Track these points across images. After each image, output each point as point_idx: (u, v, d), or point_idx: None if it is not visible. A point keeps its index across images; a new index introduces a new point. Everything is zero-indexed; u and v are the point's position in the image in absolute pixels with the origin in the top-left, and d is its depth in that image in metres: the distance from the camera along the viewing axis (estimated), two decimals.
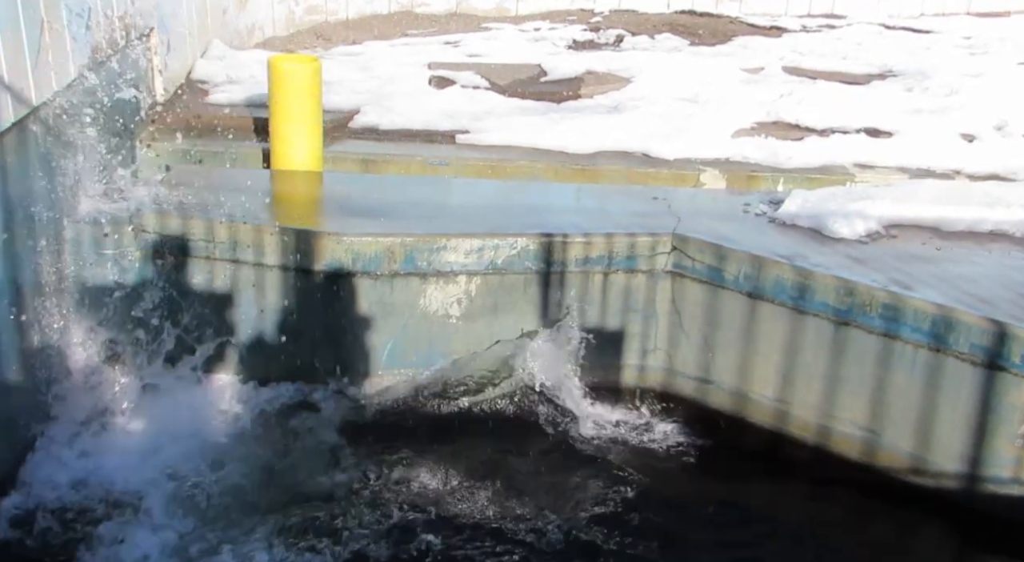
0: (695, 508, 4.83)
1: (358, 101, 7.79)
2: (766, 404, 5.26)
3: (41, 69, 4.80)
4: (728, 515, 4.77)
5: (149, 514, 4.44)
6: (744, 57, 10.87)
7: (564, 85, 8.98)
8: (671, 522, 4.69)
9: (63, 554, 4.19)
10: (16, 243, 4.53)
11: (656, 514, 4.73)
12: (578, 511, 4.70)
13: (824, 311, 4.91)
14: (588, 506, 4.75)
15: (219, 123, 7.31)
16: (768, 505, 4.88)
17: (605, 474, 5.01)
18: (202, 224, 5.19)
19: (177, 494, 4.57)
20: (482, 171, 6.89)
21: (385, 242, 5.17)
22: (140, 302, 5.33)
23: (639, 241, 5.40)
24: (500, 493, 4.81)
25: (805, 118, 8.13)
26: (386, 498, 4.69)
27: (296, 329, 5.34)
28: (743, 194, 6.32)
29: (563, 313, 5.46)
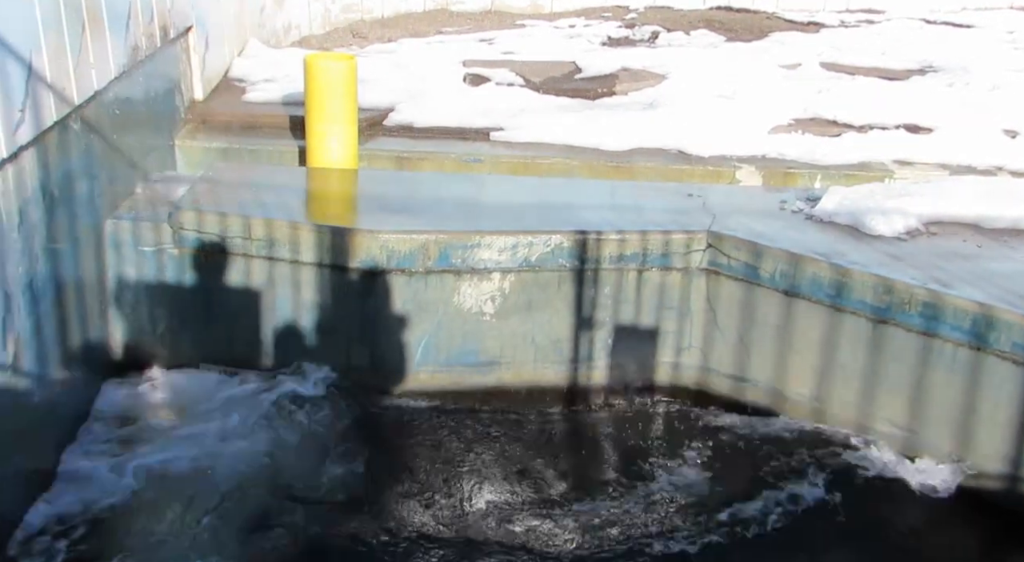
0: (728, 503, 4.79)
1: (393, 99, 7.82)
2: (803, 402, 5.21)
3: (82, 68, 4.88)
4: (763, 513, 4.73)
5: (185, 508, 4.49)
6: (781, 53, 10.75)
7: (599, 82, 8.94)
8: (704, 519, 4.66)
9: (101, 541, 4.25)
10: (57, 241, 4.61)
11: (687, 511, 4.70)
12: (615, 511, 4.69)
13: (862, 309, 4.85)
14: (622, 504, 4.73)
15: (256, 121, 7.37)
16: (800, 501, 4.83)
17: (639, 471, 4.99)
18: (239, 221, 5.24)
19: (214, 490, 4.62)
20: (516, 168, 6.89)
21: (419, 239, 5.19)
22: (178, 299, 5.40)
23: (674, 238, 5.37)
24: (532, 492, 4.81)
25: (843, 114, 8.03)
26: (417, 497, 4.71)
27: (331, 326, 5.38)
28: (779, 191, 6.26)
29: (597, 310, 5.45)
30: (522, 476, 4.92)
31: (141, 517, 4.39)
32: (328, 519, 4.49)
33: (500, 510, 4.66)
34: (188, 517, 4.40)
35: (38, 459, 4.52)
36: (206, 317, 5.44)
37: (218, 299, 5.40)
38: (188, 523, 4.37)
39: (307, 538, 4.36)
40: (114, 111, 5.39)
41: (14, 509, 4.26)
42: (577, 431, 5.35)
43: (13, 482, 4.25)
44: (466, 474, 4.90)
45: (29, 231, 4.29)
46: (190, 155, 6.87)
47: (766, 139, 7.37)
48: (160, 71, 6.42)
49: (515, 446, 5.16)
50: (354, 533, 4.42)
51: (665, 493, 4.84)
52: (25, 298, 4.26)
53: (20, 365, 4.23)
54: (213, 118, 7.34)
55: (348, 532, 4.42)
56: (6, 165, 4.04)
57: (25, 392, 4.31)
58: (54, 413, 4.66)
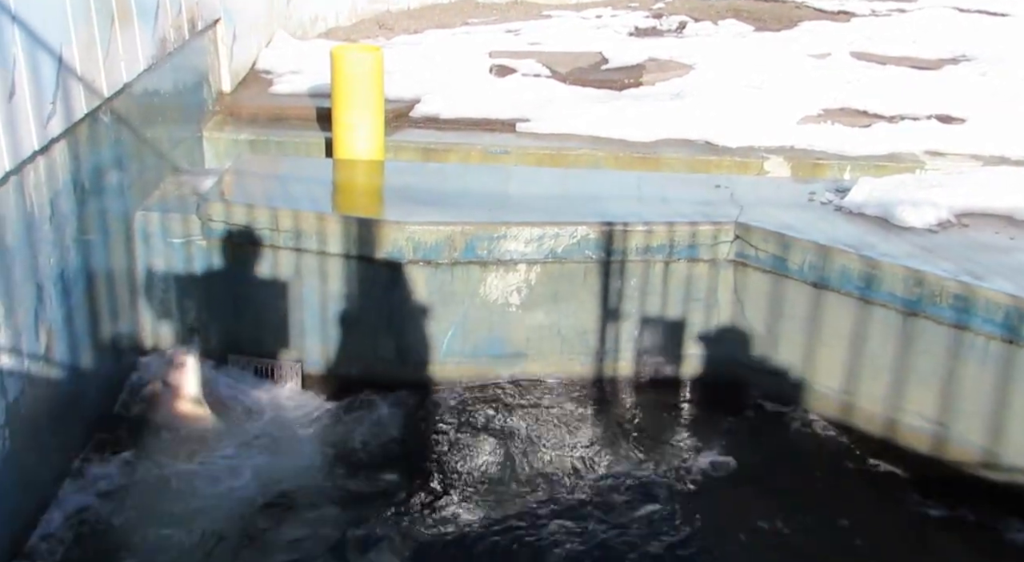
0: (754, 498, 4.76)
1: (419, 90, 7.83)
2: (831, 395, 5.17)
3: (112, 61, 4.91)
4: (789, 508, 4.70)
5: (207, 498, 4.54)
6: (810, 43, 10.64)
7: (625, 72, 8.90)
8: (731, 513, 4.64)
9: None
10: (88, 232, 4.65)
11: (717, 506, 4.69)
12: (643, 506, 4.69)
13: (892, 301, 4.80)
14: (649, 501, 4.72)
15: (283, 113, 7.41)
16: (832, 498, 4.80)
17: (665, 464, 4.98)
18: (267, 213, 5.27)
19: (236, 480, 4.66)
20: (542, 159, 6.87)
21: (446, 230, 5.19)
22: (206, 290, 5.44)
23: (701, 230, 5.33)
24: (556, 484, 4.81)
25: (873, 104, 7.94)
26: (442, 489, 4.72)
27: (357, 317, 5.40)
28: (808, 182, 6.21)
29: (623, 302, 5.43)
30: (549, 467, 4.92)
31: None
32: (360, 513, 4.50)
33: (528, 502, 4.66)
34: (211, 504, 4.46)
35: (69, 447, 4.58)
36: (234, 308, 5.48)
37: (246, 290, 5.44)
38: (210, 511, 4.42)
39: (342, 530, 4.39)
40: (143, 103, 5.43)
41: (44, 494, 4.32)
42: (603, 422, 5.33)
43: (43, 470, 4.30)
44: (493, 463, 4.90)
45: (60, 223, 4.33)
46: (218, 147, 6.92)
47: (795, 129, 7.30)
48: (188, 63, 6.46)
49: (542, 435, 5.16)
50: (386, 526, 4.43)
51: (694, 485, 4.83)
52: (56, 289, 4.31)
53: (52, 355, 4.28)
54: (240, 110, 7.38)
55: (381, 524, 4.44)
56: (37, 157, 4.08)
57: (57, 381, 4.36)
58: (84, 402, 4.71)
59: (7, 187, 3.81)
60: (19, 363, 3.96)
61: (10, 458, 3.90)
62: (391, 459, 4.90)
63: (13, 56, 3.85)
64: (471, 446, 5.05)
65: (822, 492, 4.85)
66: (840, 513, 4.67)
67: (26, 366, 4.02)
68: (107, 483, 4.54)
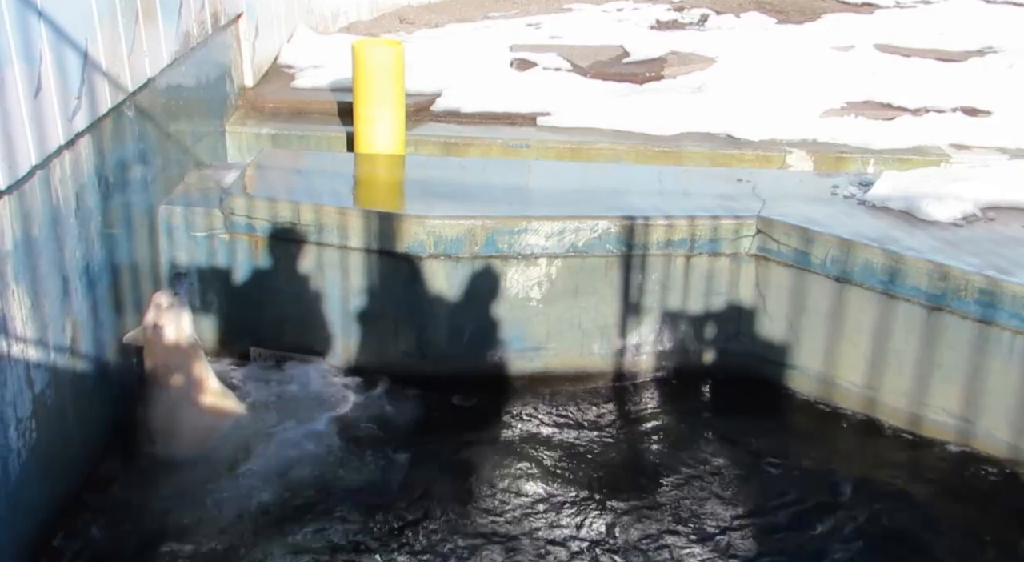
0: (776, 496, 4.74)
1: (440, 84, 7.83)
2: (854, 391, 5.14)
3: (136, 56, 4.95)
4: (814, 504, 4.68)
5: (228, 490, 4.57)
6: (834, 35, 10.55)
7: (647, 66, 8.86)
8: (752, 510, 4.63)
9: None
10: (113, 226, 4.69)
11: (738, 501, 4.67)
12: (664, 501, 4.68)
13: (916, 296, 4.77)
14: (672, 495, 4.71)
15: (304, 107, 7.44)
16: (854, 493, 4.77)
17: (686, 461, 4.97)
18: (288, 207, 5.30)
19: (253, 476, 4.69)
20: (563, 153, 6.86)
21: (466, 224, 5.20)
22: (228, 284, 5.48)
23: (723, 224, 5.31)
24: (575, 478, 4.81)
25: (898, 97, 7.87)
26: (461, 483, 4.73)
27: (378, 311, 5.42)
28: (831, 176, 6.16)
29: (644, 296, 5.42)
30: (568, 461, 4.92)
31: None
32: (382, 508, 4.53)
33: (549, 498, 4.66)
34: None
35: (93, 438, 4.62)
36: (256, 302, 5.51)
37: (267, 284, 5.47)
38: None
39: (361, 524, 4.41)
40: (167, 98, 5.47)
41: (70, 484, 4.38)
42: (623, 417, 5.33)
43: (68, 461, 4.35)
44: (516, 459, 4.91)
45: (85, 216, 4.37)
46: (240, 141, 6.95)
47: (818, 123, 7.26)
48: (211, 58, 6.49)
49: (562, 430, 5.16)
50: (404, 521, 4.45)
51: (712, 479, 4.82)
52: (82, 282, 4.35)
53: (77, 347, 4.33)
54: (263, 104, 7.42)
55: (399, 519, 4.46)
56: (63, 151, 4.12)
57: (82, 373, 4.41)
58: (109, 394, 4.76)
59: (33, 181, 3.85)
60: (45, 355, 4.01)
61: (36, 448, 3.94)
62: (410, 453, 4.91)
63: (39, 52, 3.88)
64: (491, 440, 5.06)
65: (844, 487, 4.82)
66: (863, 508, 4.64)
67: (52, 358, 4.07)
68: (131, 473, 4.58)
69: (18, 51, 3.70)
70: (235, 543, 4.21)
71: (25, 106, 3.76)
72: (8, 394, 3.72)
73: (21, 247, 3.76)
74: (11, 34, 3.64)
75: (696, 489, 4.73)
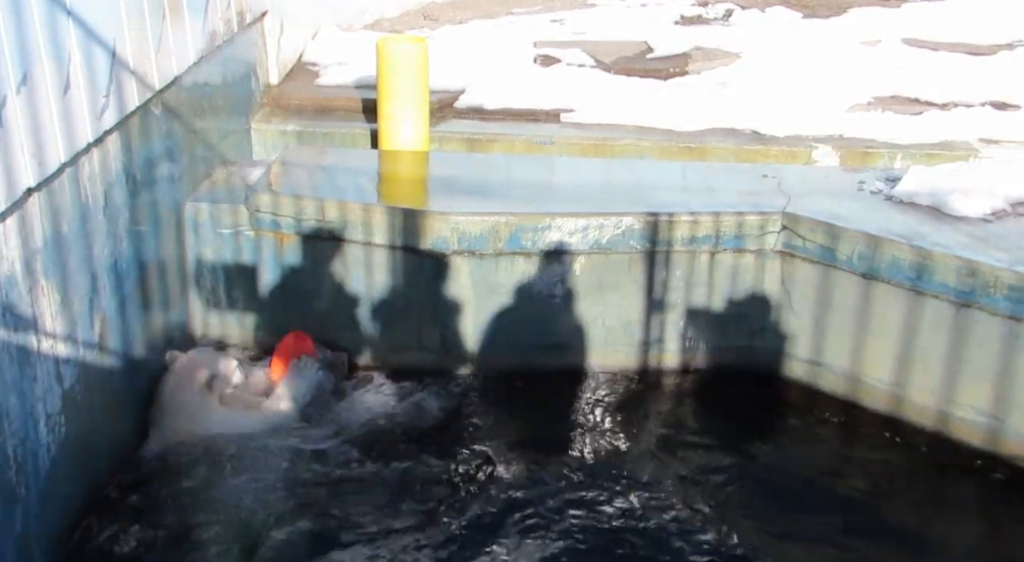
0: (802, 494, 4.72)
1: (463, 80, 7.83)
2: (881, 388, 5.10)
3: (163, 54, 4.99)
4: (839, 502, 4.65)
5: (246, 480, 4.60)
6: (861, 29, 10.45)
7: (671, 61, 8.82)
8: (777, 509, 4.60)
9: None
10: (140, 223, 4.74)
11: (762, 500, 4.65)
12: (686, 497, 4.67)
13: (944, 292, 4.72)
14: (695, 492, 4.70)
15: (329, 104, 7.46)
16: (882, 492, 4.74)
17: (709, 459, 4.95)
18: (313, 204, 5.32)
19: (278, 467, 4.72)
20: (587, 150, 6.85)
21: (490, 221, 5.20)
22: (254, 280, 5.52)
23: (747, 220, 5.28)
24: (600, 475, 4.80)
25: (925, 91, 7.79)
26: (485, 479, 4.74)
27: (402, 307, 5.43)
28: (857, 171, 6.11)
29: (668, 293, 5.40)
30: (592, 457, 4.92)
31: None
32: (406, 503, 4.55)
33: (571, 493, 4.67)
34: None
35: (122, 434, 4.67)
36: (281, 299, 5.54)
37: (292, 280, 5.50)
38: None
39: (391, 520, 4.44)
40: (193, 96, 5.51)
41: (98, 480, 4.42)
42: (646, 413, 5.32)
43: (97, 458, 4.40)
44: (540, 455, 4.91)
45: (113, 213, 4.42)
46: (265, 138, 6.99)
47: (844, 118, 7.20)
48: (237, 56, 6.54)
49: (585, 426, 5.16)
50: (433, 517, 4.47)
51: (736, 477, 4.80)
52: (110, 279, 4.40)
53: (106, 343, 4.37)
54: (287, 102, 7.46)
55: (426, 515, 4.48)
56: (92, 149, 4.16)
57: (110, 369, 4.46)
58: (136, 390, 4.81)
59: (62, 178, 3.89)
60: (74, 351, 4.05)
61: (65, 444, 3.99)
62: (435, 448, 4.93)
63: (68, 50, 3.93)
64: (514, 436, 5.06)
65: (870, 485, 4.79)
66: (889, 507, 4.61)
67: (81, 354, 4.11)
68: (159, 467, 4.62)
69: (47, 49, 3.74)
70: (261, 537, 4.25)
71: (54, 104, 3.80)
72: (38, 390, 3.76)
73: (51, 244, 3.80)
74: (40, 32, 3.69)
75: (720, 486, 4.72)
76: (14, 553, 3.61)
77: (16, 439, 3.60)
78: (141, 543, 4.18)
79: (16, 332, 3.57)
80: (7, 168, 3.46)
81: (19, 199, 3.55)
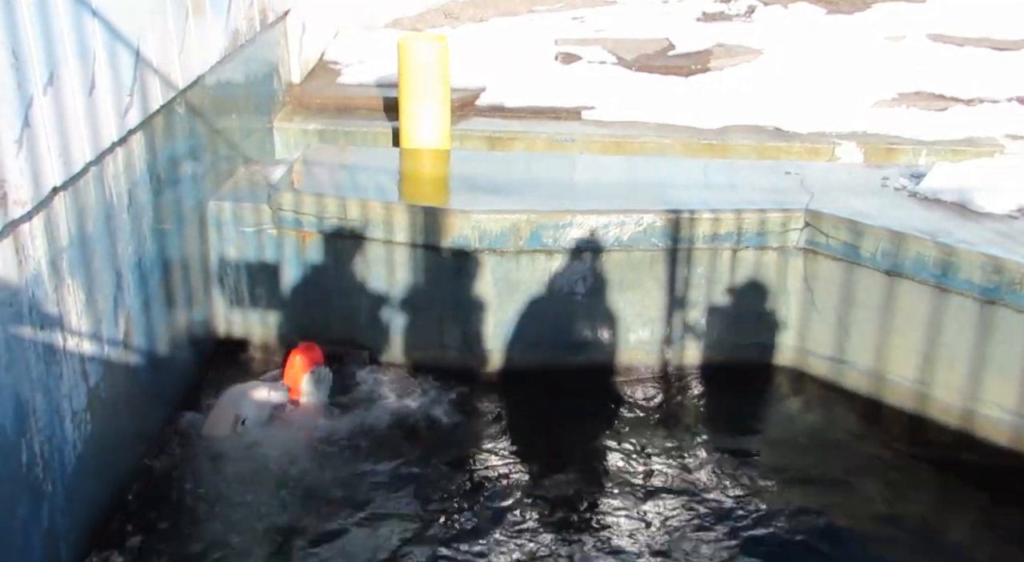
0: (826, 494, 4.69)
1: (484, 79, 7.84)
2: (905, 386, 5.06)
3: (186, 54, 5.03)
4: (863, 501, 4.62)
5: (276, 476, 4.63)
6: (885, 24, 10.37)
7: (693, 58, 8.78)
8: (800, 508, 4.58)
9: None
10: (164, 221, 4.78)
11: (786, 499, 4.63)
12: (705, 494, 4.65)
13: (969, 289, 4.68)
14: (719, 491, 4.68)
15: (350, 103, 7.49)
16: (907, 491, 4.70)
17: (733, 457, 4.93)
18: (335, 202, 5.34)
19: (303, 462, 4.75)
20: (608, 147, 6.83)
21: (511, 219, 5.20)
22: (276, 278, 5.55)
23: (770, 217, 5.26)
24: (621, 471, 4.80)
25: (950, 87, 7.71)
26: (506, 475, 4.75)
27: (423, 305, 5.45)
28: (881, 167, 6.06)
29: (690, 290, 5.39)
30: (613, 455, 4.91)
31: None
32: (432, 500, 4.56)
33: (594, 490, 4.66)
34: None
35: (146, 431, 4.71)
36: (303, 296, 5.57)
37: (314, 278, 5.53)
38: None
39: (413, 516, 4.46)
40: (216, 95, 5.54)
41: (123, 477, 4.46)
42: (668, 411, 5.30)
43: (122, 453, 4.44)
44: (564, 451, 4.91)
45: (137, 212, 4.45)
46: (287, 137, 7.03)
47: (867, 114, 7.14)
48: (259, 55, 6.57)
49: (607, 424, 5.15)
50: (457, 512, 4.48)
51: (760, 475, 4.78)
52: (134, 277, 4.44)
53: (130, 341, 4.41)
54: (309, 100, 7.49)
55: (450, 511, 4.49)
56: (116, 148, 4.20)
57: (135, 367, 4.50)
58: (160, 387, 4.85)
59: (87, 177, 3.93)
60: (99, 349, 4.09)
61: (91, 441, 4.03)
62: (457, 445, 4.94)
63: (93, 50, 3.96)
64: (536, 433, 5.07)
65: (893, 482, 4.75)
66: (913, 505, 4.58)
67: (106, 352, 4.15)
68: (183, 464, 4.66)
69: (73, 49, 3.78)
70: (284, 534, 4.27)
71: (80, 103, 3.84)
72: (64, 387, 3.80)
73: (76, 242, 3.84)
74: (66, 33, 3.72)
75: (744, 483, 4.70)
76: (41, 548, 3.66)
77: (43, 436, 3.64)
78: (164, 539, 4.22)
79: (42, 330, 3.61)
80: (34, 167, 3.50)
81: (45, 198, 3.59)
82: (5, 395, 3.36)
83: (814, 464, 4.87)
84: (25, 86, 3.42)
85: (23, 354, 3.48)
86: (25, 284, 3.46)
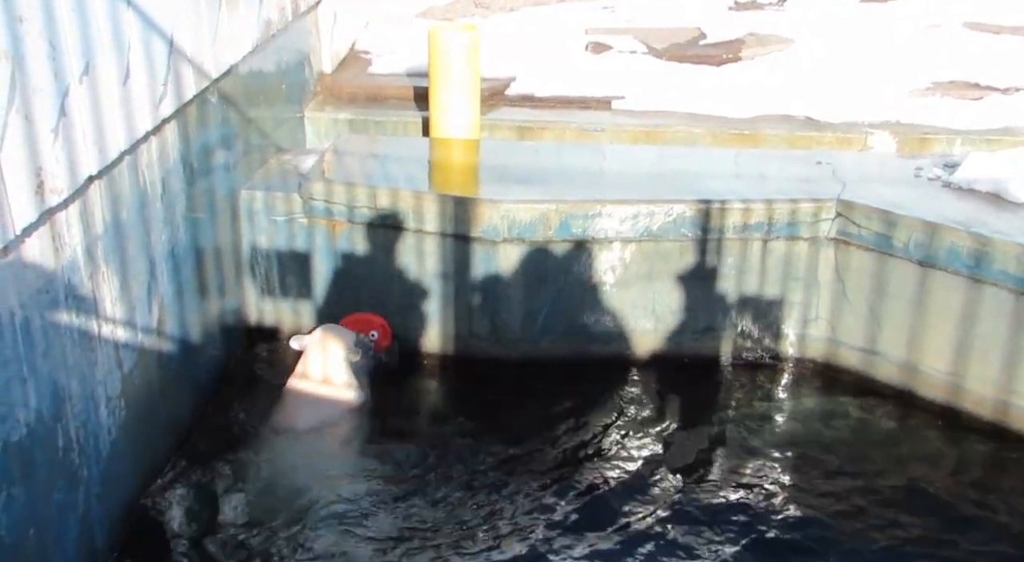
0: (858, 484, 4.66)
1: (514, 68, 7.83)
2: (938, 378, 5.01)
3: (219, 44, 5.07)
4: (894, 491, 4.59)
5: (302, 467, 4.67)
6: (920, 13, 10.23)
7: (724, 48, 8.72)
8: (833, 498, 4.55)
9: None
10: (196, 210, 4.83)
11: (815, 494, 4.60)
12: (737, 485, 4.64)
13: (1004, 280, 4.62)
14: (746, 480, 4.67)
15: (381, 93, 7.52)
16: (941, 483, 4.66)
17: (763, 448, 4.91)
18: (365, 192, 5.37)
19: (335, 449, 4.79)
20: (638, 137, 6.81)
21: (540, 208, 5.20)
22: (307, 267, 5.59)
23: (801, 207, 5.22)
24: (649, 464, 4.79)
25: (986, 76, 7.60)
26: (534, 465, 4.76)
27: (453, 295, 5.46)
28: (915, 157, 6.00)
29: (720, 281, 5.36)
30: (641, 446, 4.91)
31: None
32: (464, 489, 4.59)
33: (621, 483, 4.66)
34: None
35: (179, 417, 4.78)
36: (334, 285, 5.61)
37: (345, 268, 5.56)
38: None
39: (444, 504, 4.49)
40: (248, 84, 5.58)
41: (156, 463, 4.53)
42: (697, 402, 5.29)
43: (155, 440, 4.51)
44: (593, 441, 4.92)
45: (171, 200, 4.50)
46: (318, 126, 7.07)
47: (901, 103, 7.06)
48: (291, 45, 6.61)
49: (636, 415, 5.15)
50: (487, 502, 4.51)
51: (791, 468, 4.76)
52: (168, 265, 4.49)
53: (164, 329, 4.47)
54: (340, 90, 7.52)
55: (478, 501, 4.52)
56: (150, 137, 4.24)
57: (168, 354, 4.55)
58: (193, 375, 4.91)
59: (122, 166, 3.98)
60: (133, 336, 4.15)
61: (125, 427, 4.09)
62: (487, 434, 4.96)
63: (128, 40, 4.01)
64: (565, 424, 5.07)
65: (927, 474, 4.72)
66: (948, 497, 4.54)
67: (139, 339, 4.21)
68: (215, 450, 4.71)
69: (108, 39, 3.82)
70: (313, 519, 4.31)
71: (115, 93, 3.89)
72: (99, 373, 3.86)
73: (111, 230, 3.89)
74: (102, 22, 3.77)
75: (775, 476, 4.68)
76: (76, 531, 3.72)
77: (78, 421, 3.70)
78: (196, 525, 4.27)
79: (78, 316, 3.66)
80: (70, 156, 3.54)
81: (81, 186, 3.64)
82: (42, 381, 3.42)
83: (847, 457, 4.84)
84: (62, 76, 3.46)
85: (59, 340, 3.53)
86: (61, 271, 3.52)
